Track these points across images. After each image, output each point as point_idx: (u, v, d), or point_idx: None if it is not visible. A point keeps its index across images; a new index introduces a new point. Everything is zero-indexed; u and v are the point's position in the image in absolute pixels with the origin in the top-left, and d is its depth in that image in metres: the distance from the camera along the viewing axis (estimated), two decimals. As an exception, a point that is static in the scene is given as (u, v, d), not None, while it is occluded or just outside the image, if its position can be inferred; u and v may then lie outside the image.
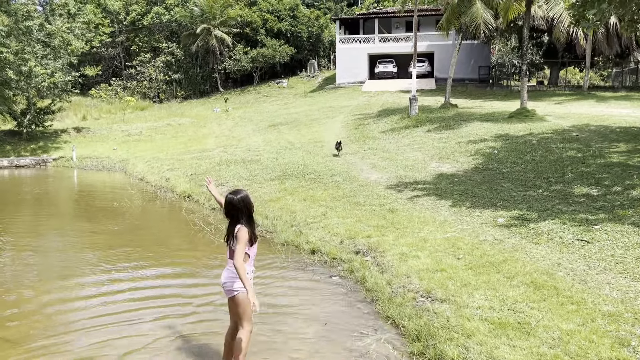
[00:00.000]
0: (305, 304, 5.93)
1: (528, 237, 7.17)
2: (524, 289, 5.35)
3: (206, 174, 15.06)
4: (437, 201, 9.68)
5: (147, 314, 5.67)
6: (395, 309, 5.40)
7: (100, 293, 6.40)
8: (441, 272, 6.02)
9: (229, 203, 4.17)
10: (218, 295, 5.94)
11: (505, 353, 4.18)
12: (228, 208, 4.17)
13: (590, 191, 9.24)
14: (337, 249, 7.70)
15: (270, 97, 38.09)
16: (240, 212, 4.13)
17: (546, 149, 13.14)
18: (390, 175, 12.61)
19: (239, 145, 20.62)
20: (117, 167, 21.03)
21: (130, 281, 6.90)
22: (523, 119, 17.44)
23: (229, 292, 4.16)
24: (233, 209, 4.14)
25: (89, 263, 7.80)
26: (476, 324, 4.69)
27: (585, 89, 30.04)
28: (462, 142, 15.48)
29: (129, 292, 6.43)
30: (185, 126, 29.16)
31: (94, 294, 6.36)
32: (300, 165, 14.58)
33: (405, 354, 4.62)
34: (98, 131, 29.04)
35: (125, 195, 13.69)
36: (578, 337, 4.30)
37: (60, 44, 26.60)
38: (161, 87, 42.19)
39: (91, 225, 10.93)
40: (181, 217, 11.05)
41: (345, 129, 21.73)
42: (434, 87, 33.54)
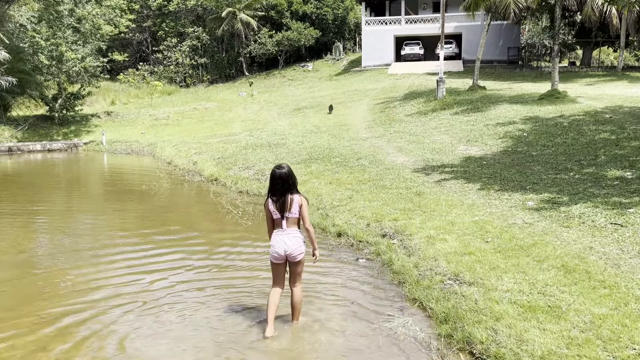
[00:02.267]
0: (332, 286, 5.96)
1: (559, 220, 7.04)
2: (555, 273, 5.27)
3: (232, 157, 15.19)
4: (465, 184, 9.57)
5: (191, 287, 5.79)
6: (423, 292, 5.39)
7: (135, 272, 6.56)
8: (469, 255, 5.98)
9: (279, 177, 4.66)
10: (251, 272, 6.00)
11: (535, 336, 4.14)
12: (279, 182, 4.65)
13: (624, 174, 9.00)
14: (363, 232, 7.70)
15: (296, 80, 38.00)
16: (292, 183, 4.68)
17: (578, 131, 12.83)
18: (416, 159, 12.50)
19: (264, 129, 20.69)
20: (146, 151, 21.36)
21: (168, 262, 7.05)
22: (554, 101, 17.03)
23: (296, 257, 4.72)
24: (284, 182, 4.65)
25: (120, 244, 7.98)
26: (505, 307, 4.65)
27: (619, 70, 29.13)
28: (491, 124, 15.22)
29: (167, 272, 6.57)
30: (211, 110, 29.36)
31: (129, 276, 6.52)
32: (325, 149, 14.57)
33: (433, 336, 4.61)
34: (126, 115, 29.49)
35: (154, 179, 13.91)
36: (610, 321, 4.23)
37: (92, 28, 26.99)
38: (187, 71, 42.47)
39: (122, 206, 11.16)
40: (209, 200, 11.19)
41: (371, 112, 21.58)
42: (462, 69, 32.95)
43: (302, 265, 4.83)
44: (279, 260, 4.77)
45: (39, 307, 5.48)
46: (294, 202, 4.66)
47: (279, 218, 4.72)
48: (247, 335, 4.75)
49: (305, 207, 4.71)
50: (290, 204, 4.66)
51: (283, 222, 4.70)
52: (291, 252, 4.70)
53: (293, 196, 4.66)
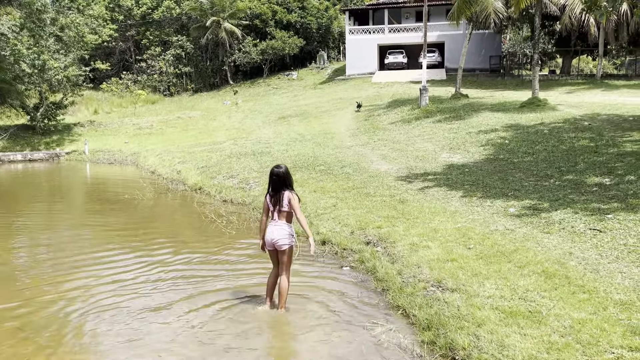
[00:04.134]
0: (315, 294, 5.97)
1: (539, 226, 7.14)
2: (535, 278, 5.34)
3: (217, 166, 15.15)
4: (448, 192, 9.66)
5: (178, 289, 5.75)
6: (406, 299, 5.42)
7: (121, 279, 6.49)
8: (452, 261, 6.03)
9: (275, 175, 5.31)
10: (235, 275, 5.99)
11: (516, 341, 4.19)
12: (275, 179, 5.30)
13: (603, 180, 9.17)
14: (347, 240, 7.73)
15: (280, 89, 38.07)
16: (287, 181, 5.30)
17: (558, 138, 13.04)
18: (400, 166, 12.59)
19: (249, 137, 20.68)
20: (129, 161, 21.20)
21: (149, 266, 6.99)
22: (534, 109, 17.29)
23: (282, 246, 5.31)
24: (280, 180, 5.29)
25: (103, 256, 7.90)
26: (487, 312, 4.70)
27: (598, 78, 29.67)
28: (473, 132, 15.40)
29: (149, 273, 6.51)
30: (195, 119, 29.27)
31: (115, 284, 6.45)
32: (310, 157, 14.60)
33: (416, 343, 4.64)
34: (109, 125, 29.26)
35: (138, 188, 13.81)
36: (590, 326, 4.29)
37: (74, 36, 26.79)
38: (171, 80, 42.31)
39: (104, 218, 11.05)
40: (193, 209, 11.14)
41: (355, 121, 21.69)
42: (445, 78, 33.30)
43: (287, 256, 5.36)
44: (269, 247, 5.40)
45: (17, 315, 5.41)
46: (284, 197, 5.26)
47: (272, 211, 5.36)
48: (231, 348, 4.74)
49: (295, 201, 5.27)
50: (282, 199, 5.27)
51: (275, 214, 5.35)
52: (277, 241, 5.30)
53: (285, 192, 5.26)
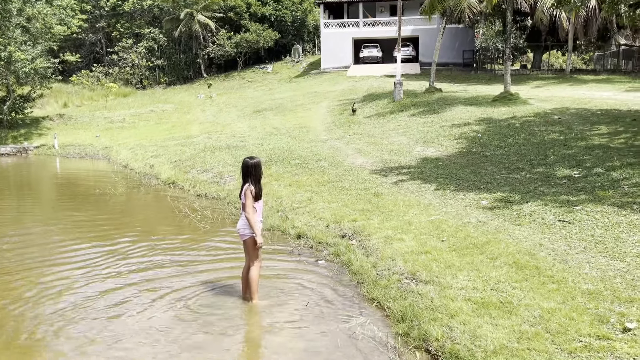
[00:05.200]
0: (291, 288, 5.97)
1: (511, 218, 7.27)
2: (507, 269, 5.44)
3: (190, 160, 14.99)
4: (422, 185, 9.76)
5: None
6: (381, 291, 5.47)
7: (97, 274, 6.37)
8: (425, 254, 6.10)
9: (244, 165, 5.31)
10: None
11: (488, 332, 4.26)
12: (242, 169, 5.33)
13: (572, 173, 9.38)
14: (323, 234, 7.74)
15: (255, 82, 37.81)
16: (249, 174, 5.26)
17: (529, 132, 13.27)
18: (375, 160, 12.65)
19: (223, 131, 20.49)
20: (101, 155, 20.81)
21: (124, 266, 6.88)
22: (506, 103, 17.56)
23: (242, 236, 5.37)
24: (246, 171, 5.28)
25: (71, 252, 7.74)
26: (460, 304, 4.77)
27: (567, 72, 30.28)
28: (446, 126, 15.56)
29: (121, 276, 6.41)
30: (169, 113, 28.86)
31: (87, 281, 6.33)
32: (285, 151, 14.56)
33: (390, 335, 4.69)
34: (80, 118, 28.63)
35: (109, 183, 13.57)
36: (558, 315, 4.39)
37: (42, 27, 26.05)
38: (144, 73, 41.59)
39: (75, 213, 10.84)
40: (166, 204, 11.00)
41: (331, 114, 21.69)
42: (419, 72, 33.53)
43: (249, 247, 5.38)
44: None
45: (-14, 319, 5.27)
46: (242, 189, 5.33)
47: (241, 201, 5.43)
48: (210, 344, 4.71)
49: (244, 195, 5.26)
50: (241, 191, 5.36)
51: (241, 206, 5.46)
52: (238, 231, 5.42)
53: (244, 185, 5.31)
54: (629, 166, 9.13)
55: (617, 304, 4.53)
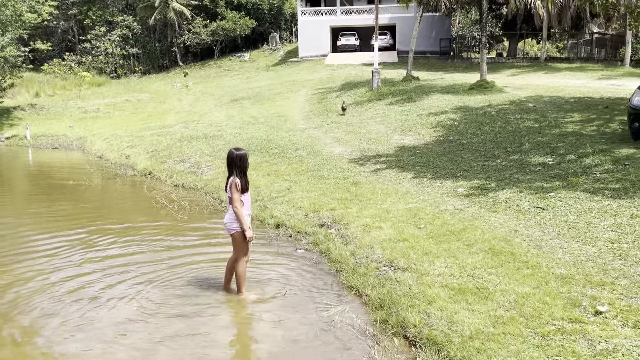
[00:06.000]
0: (270, 278, 5.96)
1: (487, 205, 7.38)
2: (483, 256, 5.53)
3: (167, 150, 14.82)
4: (400, 173, 9.82)
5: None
6: (359, 279, 5.51)
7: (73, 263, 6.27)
8: (403, 241, 6.15)
9: (228, 156, 5.21)
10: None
11: (465, 317, 4.33)
12: (227, 160, 5.22)
13: (546, 160, 9.54)
14: (301, 223, 7.75)
15: (232, 71, 37.44)
16: (234, 165, 5.14)
17: (504, 119, 13.44)
18: (353, 149, 12.68)
19: (200, 120, 20.28)
20: (75, 145, 20.41)
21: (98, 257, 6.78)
22: (482, 91, 17.73)
23: (229, 230, 5.25)
24: (231, 162, 5.17)
25: (45, 244, 7.61)
26: (437, 290, 4.84)
27: (542, 61, 30.69)
28: (424, 114, 15.66)
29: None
30: (144, 102, 28.42)
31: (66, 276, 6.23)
32: (263, 140, 14.49)
33: (368, 322, 4.73)
34: (53, 108, 28.02)
35: (84, 174, 13.34)
36: (532, 300, 4.49)
37: (12, 14, 25.31)
38: (118, 62, 40.79)
39: (48, 205, 10.63)
40: (143, 195, 10.87)
41: (309, 103, 21.62)
42: (396, 60, 33.60)
43: (235, 240, 5.26)
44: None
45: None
46: (228, 181, 5.19)
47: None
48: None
49: (230, 188, 5.13)
50: (226, 183, 5.25)
51: (227, 199, 5.33)
52: (225, 225, 5.31)
53: (230, 177, 5.17)
54: (600, 153, 9.33)
55: (589, 287, 4.64)
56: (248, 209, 5.31)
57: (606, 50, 32.83)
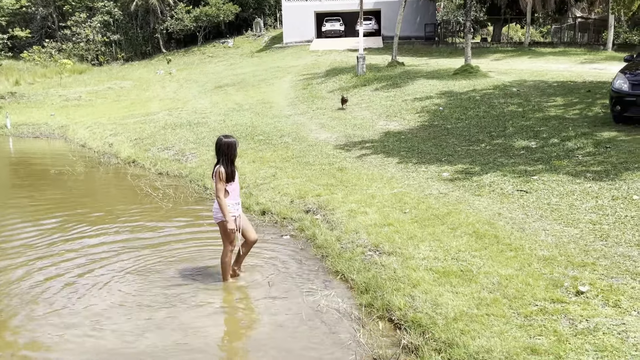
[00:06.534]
0: (255, 264, 5.96)
1: (471, 189, 7.43)
2: (467, 239, 5.58)
3: (151, 138, 14.66)
4: (385, 158, 9.84)
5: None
6: (345, 264, 5.53)
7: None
8: (388, 226, 6.18)
9: (216, 143, 5.10)
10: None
11: (449, 299, 4.38)
12: (216, 147, 5.10)
13: (530, 144, 9.61)
14: (287, 209, 7.74)
15: (216, 57, 37.03)
16: (221, 153, 5.03)
17: (489, 104, 13.50)
18: (339, 135, 12.66)
19: (184, 107, 20.07)
20: (56, 134, 20.09)
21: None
22: (467, 76, 17.76)
23: (215, 219, 5.20)
24: (218, 149, 5.06)
25: (28, 233, 7.51)
26: (421, 274, 4.87)
27: (526, 45, 30.78)
28: (409, 99, 15.66)
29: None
30: (127, 89, 28.04)
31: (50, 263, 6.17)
32: (248, 127, 14.40)
33: (354, 306, 4.76)
34: (33, 96, 27.53)
35: (67, 163, 13.15)
36: (516, 281, 4.54)
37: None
38: (100, 49, 40.14)
39: (30, 194, 10.48)
40: (127, 183, 10.77)
41: (294, 89, 21.50)
42: (381, 46, 33.47)
43: (220, 229, 5.22)
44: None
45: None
46: (214, 169, 5.10)
47: None
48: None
49: (215, 177, 5.03)
50: (212, 171, 5.15)
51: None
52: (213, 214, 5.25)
53: (218, 166, 5.06)
54: (582, 136, 9.42)
55: (571, 268, 4.71)
56: (235, 198, 5.18)
57: (589, 34, 33.04)
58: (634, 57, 11.20)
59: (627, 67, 10.52)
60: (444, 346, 3.83)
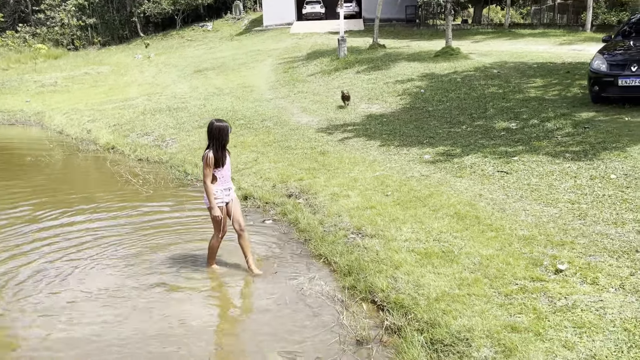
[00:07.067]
0: (237, 249, 5.93)
1: (452, 171, 7.47)
2: (448, 220, 5.61)
3: (130, 123, 14.44)
4: (367, 142, 9.83)
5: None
6: (327, 247, 5.53)
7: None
8: (371, 209, 6.19)
9: (208, 126, 5.01)
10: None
11: (431, 280, 4.41)
12: (207, 131, 5.01)
13: (510, 125, 9.68)
14: (269, 194, 7.71)
15: (195, 41, 36.47)
16: (212, 138, 4.94)
17: (469, 86, 13.54)
18: (320, 118, 12.61)
19: (163, 92, 19.78)
20: (32, 121, 19.65)
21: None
22: (448, 58, 17.77)
23: (205, 204, 5.12)
24: (209, 133, 4.96)
25: (4, 220, 7.37)
26: (404, 255, 4.90)
27: (506, 27, 30.89)
28: (390, 82, 15.63)
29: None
30: (104, 75, 27.51)
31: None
32: (229, 111, 14.26)
33: (337, 289, 4.77)
34: (7, 83, 26.85)
35: (44, 150, 12.90)
36: (496, 261, 4.59)
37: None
38: (75, 33, 39.23)
39: (5, 182, 10.27)
40: (106, 170, 10.61)
41: (275, 73, 21.31)
42: (362, 28, 33.30)
43: (210, 217, 5.14)
44: None
45: None
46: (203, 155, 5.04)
47: None
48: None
49: (203, 161, 4.97)
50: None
51: None
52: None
53: (206, 151, 4.97)
54: (562, 117, 9.52)
55: (550, 247, 4.78)
56: (224, 184, 5.08)
57: (568, 15, 33.23)
58: (612, 38, 11.30)
59: (605, 47, 10.62)
60: (426, 326, 3.87)
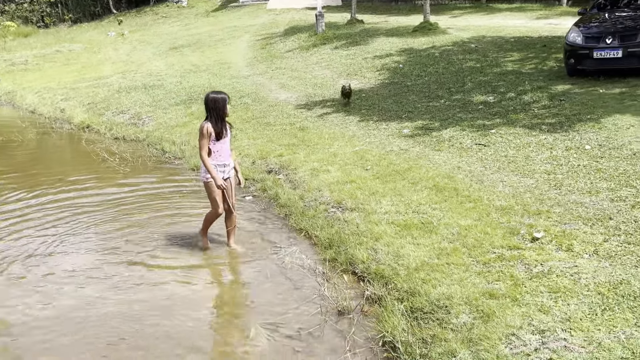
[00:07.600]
0: (219, 226, 5.91)
1: (431, 144, 7.52)
2: (427, 193, 5.67)
3: (105, 102, 14.16)
4: (346, 117, 9.81)
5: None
6: (308, 221, 5.56)
7: None
8: (351, 183, 6.22)
9: (204, 99, 4.96)
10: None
11: (410, 251, 4.47)
12: (204, 103, 4.95)
13: (487, 98, 9.75)
14: (249, 170, 7.67)
15: (170, 17, 35.68)
16: (209, 110, 4.89)
17: (448, 60, 13.55)
18: (299, 94, 12.52)
19: (138, 70, 19.38)
20: (3, 101, 19.13)
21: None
22: (426, 33, 17.70)
23: (201, 179, 5.05)
24: (205, 105, 4.92)
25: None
26: (384, 227, 4.95)
27: (483, 2, 30.78)
28: (369, 57, 15.55)
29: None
30: (77, 52, 26.84)
31: None
32: (206, 88, 14.01)
33: (318, 262, 4.81)
34: (-25, 62, 26.02)
35: (16, 130, 12.60)
36: (475, 231, 4.67)
37: None
38: (45, 10, 38.02)
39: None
40: (82, 149, 10.42)
41: (252, 49, 21.02)
42: (340, 3, 32.89)
43: (206, 191, 5.04)
44: None
45: None
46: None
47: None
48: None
49: (199, 134, 4.89)
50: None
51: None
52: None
53: (203, 123, 4.91)
54: (538, 90, 9.61)
55: (527, 217, 4.86)
56: (219, 159, 4.94)
57: (544, -10, 33.26)
58: (587, 11, 11.38)
59: (581, 20, 10.69)
60: (407, 295, 3.93)
